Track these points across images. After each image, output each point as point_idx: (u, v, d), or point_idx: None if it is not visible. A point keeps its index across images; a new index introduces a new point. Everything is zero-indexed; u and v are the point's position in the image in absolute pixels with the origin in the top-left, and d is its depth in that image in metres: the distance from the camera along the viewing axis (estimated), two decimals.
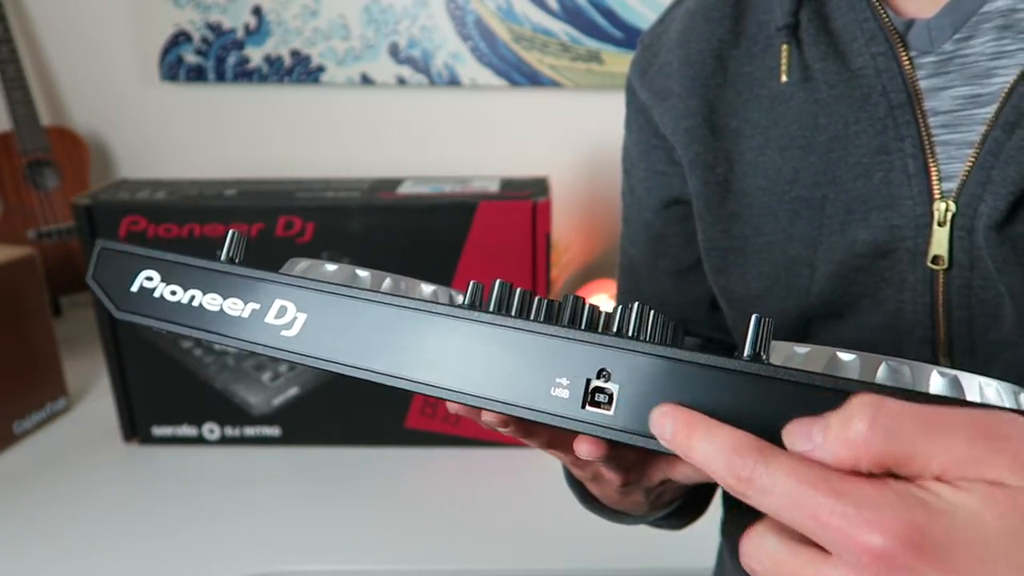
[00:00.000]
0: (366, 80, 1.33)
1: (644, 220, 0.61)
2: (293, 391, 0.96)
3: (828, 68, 0.48)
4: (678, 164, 0.56)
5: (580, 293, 1.30)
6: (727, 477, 0.26)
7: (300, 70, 1.33)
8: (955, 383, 0.28)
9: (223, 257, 0.40)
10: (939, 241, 0.45)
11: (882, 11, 0.47)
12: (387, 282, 0.43)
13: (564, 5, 1.27)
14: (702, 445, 0.27)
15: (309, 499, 0.88)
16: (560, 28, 1.28)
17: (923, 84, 0.46)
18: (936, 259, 0.45)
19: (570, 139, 1.37)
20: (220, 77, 1.33)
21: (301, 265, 0.43)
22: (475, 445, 0.98)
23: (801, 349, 0.32)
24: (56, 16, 1.33)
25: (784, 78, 0.50)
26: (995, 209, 0.42)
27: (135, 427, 0.99)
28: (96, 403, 1.07)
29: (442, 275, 0.91)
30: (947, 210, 0.44)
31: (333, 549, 0.80)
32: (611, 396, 0.31)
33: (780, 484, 0.24)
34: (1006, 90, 0.42)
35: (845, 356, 0.30)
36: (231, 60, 1.32)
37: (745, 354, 0.30)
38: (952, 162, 0.44)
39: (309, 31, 1.30)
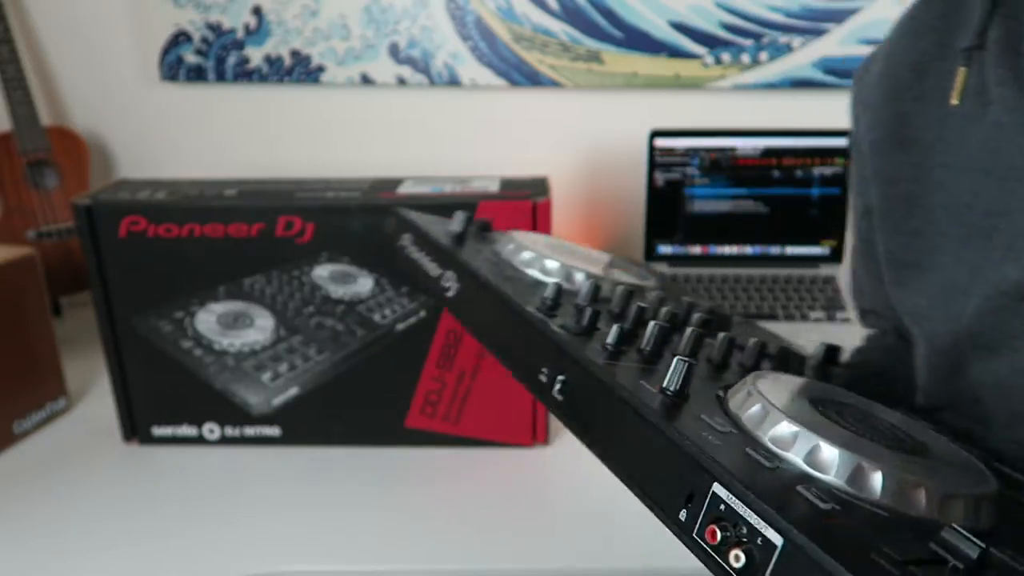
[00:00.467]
0: (366, 80, 1.33)
1: (857, 225, 0.63)
2: (293, 391, 0.96)
3: (1006, 93, 0.46)
4: None
5: None
6: None
7: (300, 70, 1.33)
8: (860, 475, 0.33)
9: (453, 228, 0.60)
10: None
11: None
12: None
13: (564, 5, 1.27)
14: None
15: (309, 499, 0.88)
16: (560, 28, 1.28)
17: None
18: None
19: (570, 139, 1.37)
20: (220, 77, 1.33)
21: (511, 246, 0.57)
22: (475, 445, 0.98)
23: (759, 410, 0.36)
24: (56, 16, 1.33)
25: (955, 100, 0.49)
26: None
27: (135, 427, 0.99)
28: (96, 403, 1.07)
29: None
30: None
31: (333, 549, 0.80)
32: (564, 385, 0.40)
33: None
34: None
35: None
36: (231, 60, 1.32)
37: (665, 384, 0.37)
38: None
39: (309, 31, 1.30)
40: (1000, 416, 0.48)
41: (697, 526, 0.31)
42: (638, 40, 1.29)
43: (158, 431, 0.99)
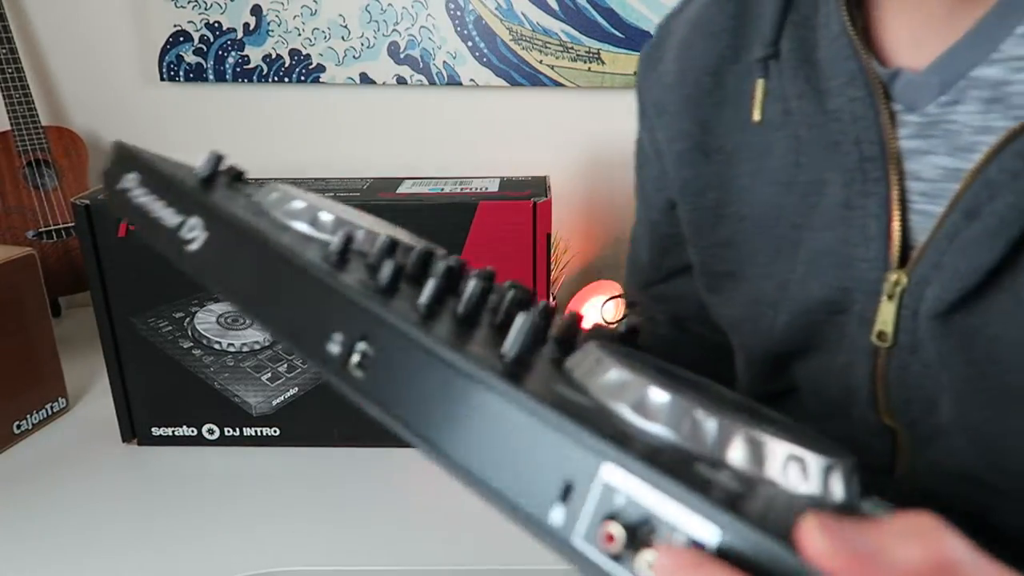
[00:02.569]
0: (366, 80, 1.33)
1: (651, 219, 0.59)
2: (293, 391, 0.96)
3: (804, 107, 0.44)
4: None
5: (580, 293, 1.30)
6: None
7: (300, 70, 1.32)
8: (756, 450, 0.25)
9: (196, 172, 0.42)
10: (885, 317, 0.41)
11: (865, 54, 0.42)
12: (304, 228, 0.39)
13: (564, 5, 1.27)
14: None
15: (309, 499, 0.88)
16: (560, 28, 1.28)
17: (904, 144, 0.41)
18: (881, 335, 0.41)
19: (570, 139, 1.37)
20: (220, 77, 1.33)
21: (274, 195, 0.41)
22: None
23: (621, 376, 0.27)
24: (56, 16, 1.33)
25: (756, 116, 0.46)
26: (940, 299, 0.38)
27: (134, 427, 0.99)
28: (95, 403, 1.07)
29: None
30: (896, 283, 0.40)
31: (333, 549, 0.80)
32: (370, 360, 0.30)
33: None
34: (971, 171, 0.37)
35: (706, 419, 0.25)
36: (231, 60, 1.32)
37: (504, 349, 0.28)
38: (924, 234, 0.40)
39: (309, 31, 1.30)
40: (813, 407, 0.48)
41: (583, 529, 0.23)
42: (638, 40, 1.29)
43: (157, 431, 0.98)
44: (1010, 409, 0.38)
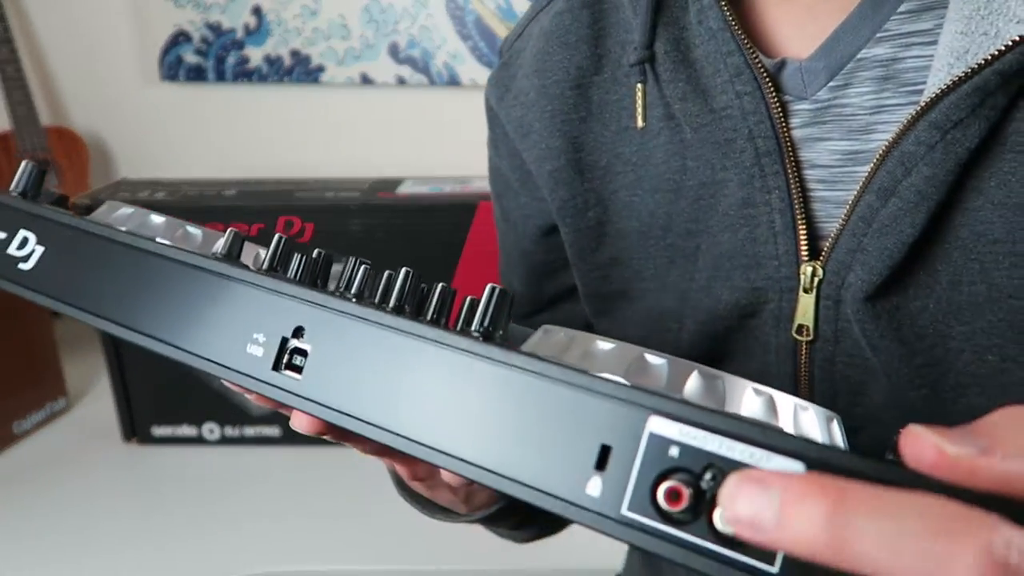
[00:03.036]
0: (366, 80, 1.32)
1: (523, 249, 0.55)
2: None
3: (689, 109, 0.42)
4: None
5: None
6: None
7: (300, 70, 1.32)
8: (770, 404, 0.23)
9: (12, 189, 0.36)
10: (804, 309, 0.40)
11: (749, 47, 0.40)
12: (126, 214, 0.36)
13: None
14: (878, 523, 0.16)
15: (309, 499, 0.88)
16: None
17: (797, 133, 0.40)
18: (801, 329, 0.40)
19: None
20: (220, 77, 1.33)
21: (121, 211, 0.37)
22: None
23: (605, 345, 0.25)
24: (56, 16, 1.33)
25: (640, 122, 0.43)
26: (866, 281, 0.37)
27: (135, 427, 0.99)
28: (96, 403, 1.07)
29: (442, 275, 0.91)
30: (813, 275, 0.39)
31: (333, 549, 0.80)
32: (305, 358, 0.27)
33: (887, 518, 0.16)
34: (882, 150, 0.36)
35: (654, 359, 0.24)
36: (231, 60, 1.32)
37: (473, 328, 0.25)
38: (830, 222, 0.40)
39: (309, 31, 1.30)
40: None
41: (631, 495, 0.20)
42: None
43: (158, 431, 0.99)
44: (941, 382, 0.38)
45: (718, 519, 0.19)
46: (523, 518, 0.51)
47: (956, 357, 0.37)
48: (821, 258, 0.39)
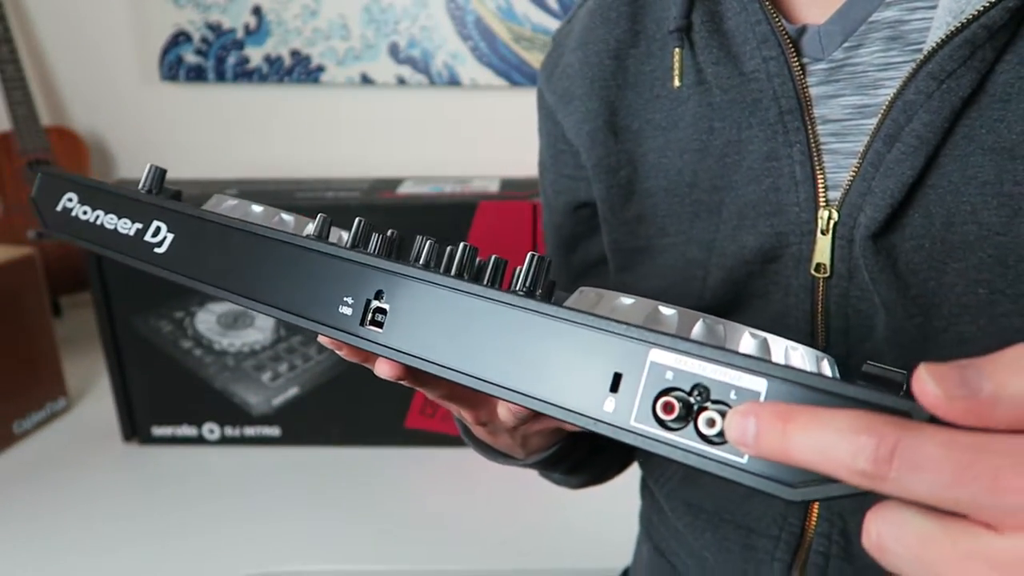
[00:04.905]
0: (366, 80, 1.33)
1: (554, 223, 0.62)
2: (293, 391, 0.96)
3: (720, 72, 0.47)
4: (584, 168, 0.56)
5: None
6: (856, 463, 0.21)
7: (300, 70, 1.32)
8: (764, 345, 0.29)
9: (140, 188, 0.45)
10: (821, 249, 0.45)
11: (775, 15, 0.45)
12: (242, 208, 0.44)
13: (564, 5, 1.27)
14: (809, 435, 0.22)
15: (309, 499, 0.88)
16: None
17: (813, 91, 0.45)
18: (819, 267, 0.45)
19: None
20: (220, 77, 1.33)
21: (228, 203, 0.45)
22: None
23: (627, 300, 0.31)
24: (56, 16, 1.33)
25: (677, 83, 0.49)
26: (872, 220, 0.42)
27: (135, 427, 0.99)
28: (96, 403, 1.07)
29: None
30: (830, 218, 0.44)
31: (333, 549, 0.80)
32: (385, 316, 0.33)
33: (936, 453, 0.21)
34: (887, 102, 0.41)
35: (666, 310, 0.30)
36: (231, 60, 1.32)
37: (517, 287, 0.31)
38: (840, 171, 0.44)
39: (309, 31, 1.30)
40: None
41: (636, 409, 0.27)
42: None
43: (158, 431, 0.99)
44: (934, 312, 0.42)
45: (703, 424, 0.25)
46: (574, 465, 0.55)
47: (949, 291, 0.41)
48: (836, 202, 0.44)
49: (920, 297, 0.42)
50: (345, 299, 0.35)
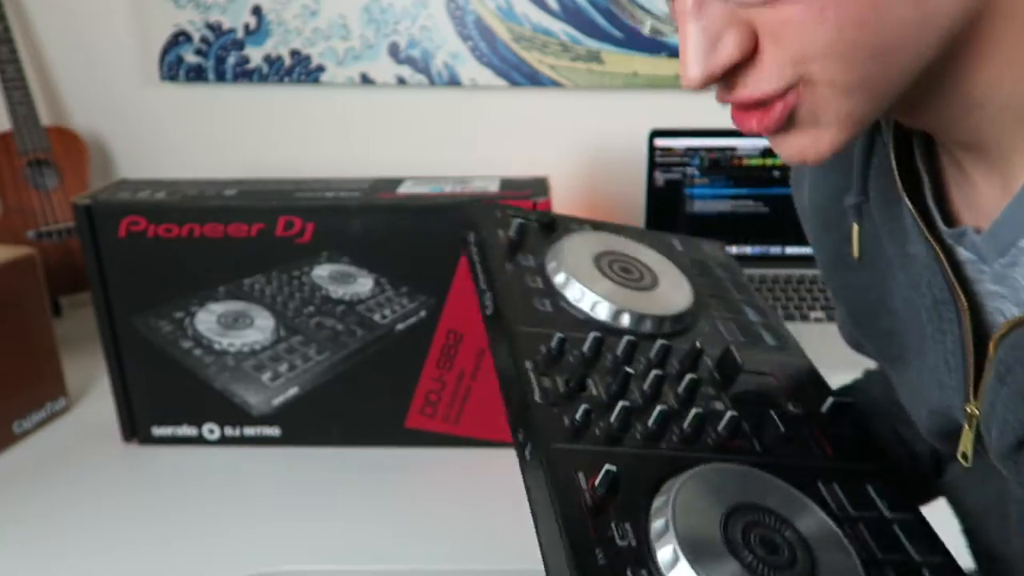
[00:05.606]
0: (366, 80, 1.33)
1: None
2: (293, 391, 0.96)
3: (891, 249, 0.49)
4: None
5: None
6: None
7: (300, 70, 1.32)
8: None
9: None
10: (966, 440, 0.45)
11: (920, 220, 0.45)
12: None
13: (564, 5, 1.27)
14: None
15: (309, 499, 0.88)
16: (560, 28, 1.28)
17: (986, 287, 0.44)
18: (964, 455, 0.45)
19: (570, 139, 1.36)
20: (220, 77, 1.33)
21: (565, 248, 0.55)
22: (475, 445, 0.97)
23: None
24: (56, 16, 1.33)
25: (856, 254, 0.51)
26: (999, 442, 0.41)
27: (135, 427, 0.99)
28: (96, 403, 1.07)
29: (442, 275, 0.91)
30: (972, 416, 0.44)
31: (333, 549, 0.80)
32: None
33: None
34: (996, 337, 0.40)
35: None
36: (231, 60, 1.32)
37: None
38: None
39: (309, 31, 1.30)
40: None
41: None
42: (638, 40, 1.29)
43: (158, 431, 0.99)
44: None
45: None
46: None
47: None
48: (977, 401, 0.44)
49: None
50: None
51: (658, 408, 0.43)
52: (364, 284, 0.93)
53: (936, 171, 0.47)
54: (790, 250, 1.31)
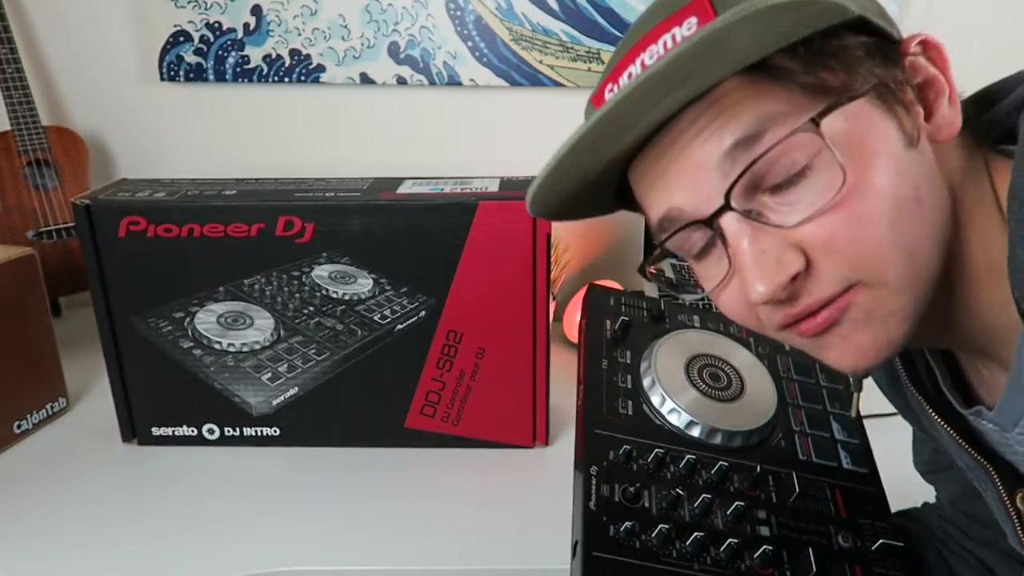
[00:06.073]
0: (366, 80, 1.32)
1: None
2: (293, 391, 0.96)
3: (909, 419, 0.59)
4: None
5: (580, 293, 1.30)
6: None
7: (300, 70, 1.32)
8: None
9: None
10: None
11: (930, 404, 0.52)
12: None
13: (564, 5, 1.27)
14: None
15: (309, 499, 0.88)
16: (560, 28, 1.28)
17: (1007, 450, 0.49)
18: None
19: None
20: (220, 77, 1.33)
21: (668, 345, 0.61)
22: (475, 445, 0.97)
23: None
24: (56, 16, 1.33)
25: (852, 415, 0.60)
26: None
27: (134, 427, 0.99)
28: (96, 403, 1.07)
29: (442, 275, 0.91)
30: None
31: (333, 549, 0.80)
32: None
33: None
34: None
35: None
36: (231, 60, 1.32)
37: None
38: None
39: (309, 31, 1.30)
40: None
41: None
42: None
43: (158, 431, 0.99)
44: None
45: None
46: None
47: None
48: None
49: None
50: None
51: (694, 535, 0.48)
52: (364, 284, 0.93)
53: (950, 357, 0.53)
54: None
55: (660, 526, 0.48)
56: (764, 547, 0.48)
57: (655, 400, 0.57)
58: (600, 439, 0.54)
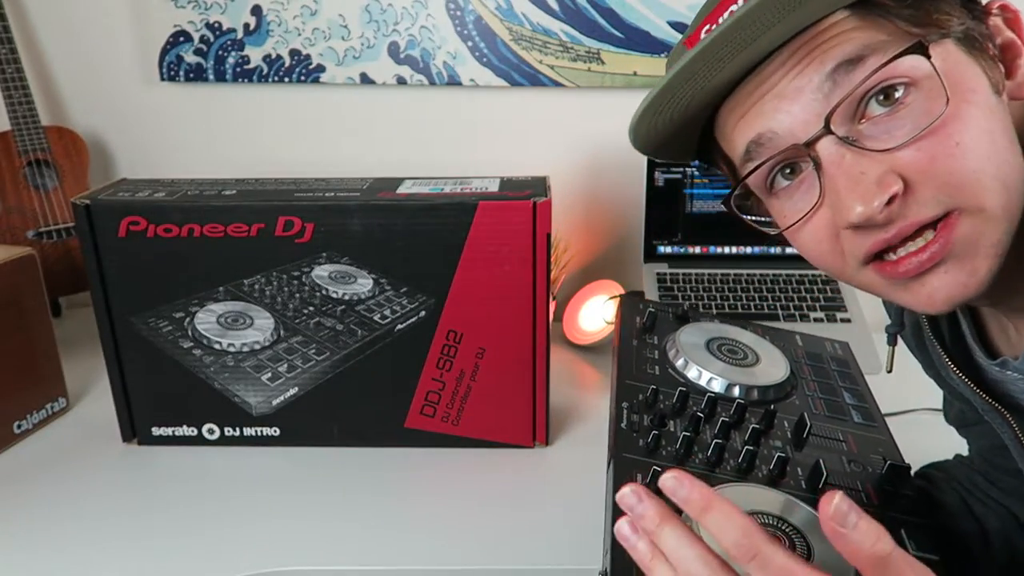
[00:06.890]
0: (366, 80, 1.33)
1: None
2: (293, 391, 0.96)
3: (931, 376, 0.60)
4: None
5: (580, 293, 1.30)
6: (735, 548, 0.36)
7: (300, 70, 1.32)
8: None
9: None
10: None
11: (977, 346, 0.54)
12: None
13: (564, 5, 1.27)
14: (716, 519, 0.37)
15: (308, 499, 0.88)
16: (560, 28, 1.28)
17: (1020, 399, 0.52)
18: None
19: (570, 139, 1.36)
20: (220, 77, 1.33)
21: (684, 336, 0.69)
22: (475, 445, 0.97)
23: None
24: (56, 16, 1.33)
25: (885, 372, 0.62)
26: None
27: (134, 427, 0.99)
28: (95, 403, 1.07)
29: (442, 275, 0.91)
30: None
31: (333, 549, 0.80)
32: None
33: (779, 562, 0.35)
34: None
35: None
36: (231, 60, 1.32)
37: None
38: None
39: (309, 31, 1.30)
40: None
41: None
42: (638, 40, 1.29)
43: (158, 431, 0.99)
44: None
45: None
46: None
47: None
48: None
49: None
50: None
51: (714, 442, 0.53)
52: (364, 284, 0.93)
53: (975, 312, 0.54)
54: (790, 250, 1.31)
55: (684, 435, 0.53)
56: (778, 454, 0.53)
57: (679, 364, 0.65)
58: (631, 387, 0.61)
